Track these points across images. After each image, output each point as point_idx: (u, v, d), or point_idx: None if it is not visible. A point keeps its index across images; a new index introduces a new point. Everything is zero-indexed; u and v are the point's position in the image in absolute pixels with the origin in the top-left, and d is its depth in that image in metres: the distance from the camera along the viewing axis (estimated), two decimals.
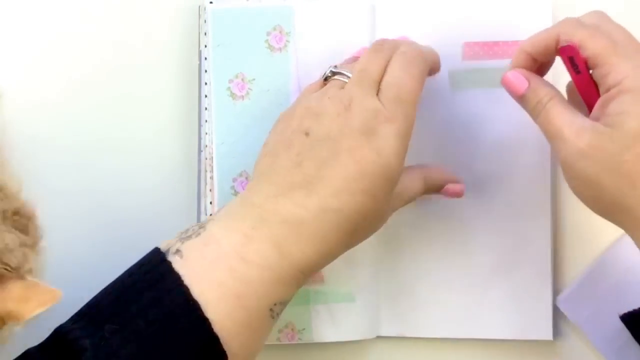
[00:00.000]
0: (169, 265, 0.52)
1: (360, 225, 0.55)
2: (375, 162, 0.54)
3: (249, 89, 0.66)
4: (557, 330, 0.67)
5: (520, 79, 0.57)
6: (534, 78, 0.57)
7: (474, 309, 0.67)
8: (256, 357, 0.55)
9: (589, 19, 0.56)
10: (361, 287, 0.67)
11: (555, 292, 0.67)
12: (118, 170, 0.68)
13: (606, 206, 0.54)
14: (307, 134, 0.55)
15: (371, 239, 0.65)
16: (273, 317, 0.54)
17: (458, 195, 0.64)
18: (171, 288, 0.51)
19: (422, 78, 0.58)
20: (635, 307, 0.62)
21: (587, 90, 0.56)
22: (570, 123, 0.54)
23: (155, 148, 0.69)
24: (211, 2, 0.66)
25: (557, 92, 0.56)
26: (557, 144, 0.54)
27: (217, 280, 0.52)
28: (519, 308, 0.67)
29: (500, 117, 0.66)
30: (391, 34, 0.65)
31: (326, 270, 0.65)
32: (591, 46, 0.53)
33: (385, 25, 0.66)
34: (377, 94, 0.56)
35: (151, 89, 0.69)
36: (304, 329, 0.66)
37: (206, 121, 0.66)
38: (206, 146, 0.66)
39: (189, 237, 0.54)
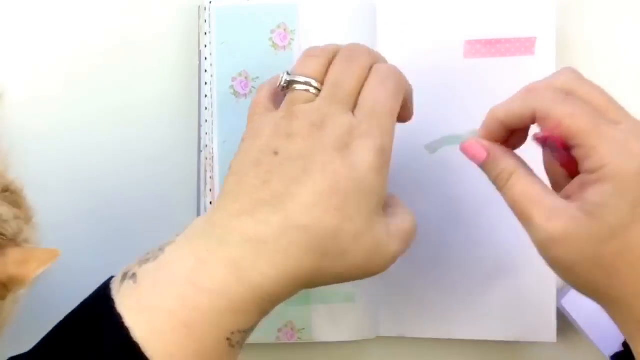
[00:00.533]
0: (111, 303, 0.50)
1: (331, 247, 0.50)
2: (348, 177, 0.51)
3: (252, 87, 0.65)
4: (560, 333, 0.67)
5: (479, 150, 0.54)
6: (495, 149, 0.54)
7: (476, 310, 0.67)
8: None
9: (564, 82, 0.52)
10: (361, 287, 0.67)
11: (559, 294, 0.67)
12: (118, 170, 0.68)
13: (585, 291, 0.51)
14: (275, 153, 0.51)
15: None
16: (233, 347, 0.50)
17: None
18: (111, 329, 0.49)
19: (399, 95, 0.54)
20: None
21: (565, 163, 0.53)
22: (539, 203, 0.50)
23: (155, 148, 0.69)
24: (210, 2, 0.66)
25: (521, 164, 0.53)
26: (525, 225, 0.51)
27: (167, 309, 0.49)
28: (522, 309, 0.66)
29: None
30: (393, 32, 0.65)
31: None
32: (572, 126, 0.49)
33: (387, 22, 0.67)
34: (351, 110, 0.53)
35: (151, 88, 0.69)
36: (303, 328, 0.66)
37: (206, 121, 0.66)
38: (206, 146, 0.66)
39: (147, 260, 0.51)
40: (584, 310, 0.66)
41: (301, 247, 0.50)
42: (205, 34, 0.66)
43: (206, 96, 0.66)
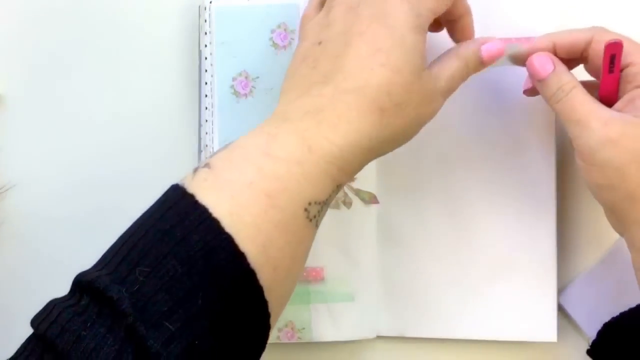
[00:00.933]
0: (191, 198, 0.50)
1: (386, 102, 0.53)
2: (387, 36, 0.53)
3: (252, 87, 0.66)
4: (561, 332, 0.67)
5: (547, 62, 0.58)
6: (559, 64, 0.58)
7: (476, 310, 0.67)
8: (299, 273, 0.53)
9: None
10: (361, 286, 0.67)
11: (559, 294, 0.67)
12: (118, 169, 0.68)
13: (622, 197, 0.55)
14: (319, 43, 0.55)
15: (371, 239, 0.66)
16: (310, 220, 0.52)
17: (498, 53, 0.59)
18: (199, 223, 0.49)
19: None
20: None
21: (611, 89, 0.58)
22: (597, 112, 0.55)
23: (155, 148, 0.69)
24: (211, 2, 0.66)
25: (579, 83, 0.57)
26: (581, 131, 0.56)
27: (247, 181, 0.50)
28: (522, 309, 0.66)
29: (502, 111, 0.66)
30: None
31: (326, 270, 0.65)
32: (628, 46, 0.56)
33: None
34: None
35: (151, 88, 0.69)
36: (303, 328, 0.66)
37: (206, 121, 0.66)
38: (206, 146, 0.66)
39: (218, 151, 0.53)
40: (583, 308, 0.66)
41: (359, 109, 0.52)
42: (206, 33, 0.66)
43: (206, 96, 0.66)
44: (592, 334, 0.65)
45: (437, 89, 0.56)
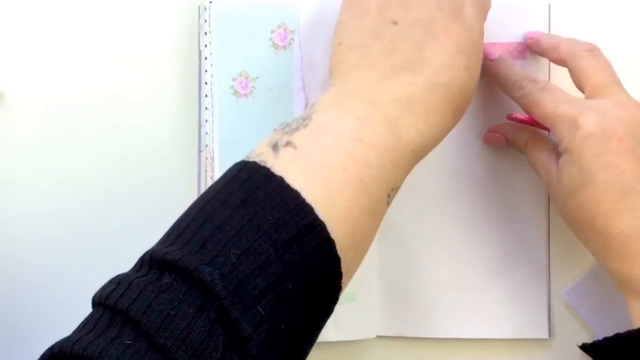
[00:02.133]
0: (281, 180, 0.48)
1: (462, 102, 0.55)
2: (467, 38, 0.55)
3: (252, 87, 0.65)
4: (552, 329, 0.68)
5: (497, 137, 0.66)
6: (507, 129, 0.66)
7: (472, 309, 0.68)
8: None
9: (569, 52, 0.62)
10: (362, 287, 0.67)
11: (551, 292, 0.68)
12: (118, 169, 0.68)
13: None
14: (395, 23, 0.55)
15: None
16: (388, 204, 0.53)
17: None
18: (293, 207, 0.48)
19: None
20: None
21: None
22: (543, 167, 0.62)
23: (155, 148, 0.69)
24: (211, 2, 0.66)
25: (533, 134, 0.63)
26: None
27: (340, 165, 0.50)
28: (515, 307, 0.67)
29: (494, 114, 0.67)
30: None
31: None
32: (537, 114, 0.61)
33: None
34: None
35: (151, 88, 0.69)
36: None
37: (206, 121, 0.66)
38: (206, 146, 0.66)
39: (296, 129, 0.51)
40: (588, 304, 0.67)
41: (444, 104, 0.54)
42: (206, 34, 0.66)
43: (206, 96, 0.66)
44: (596, 329, 0.66)
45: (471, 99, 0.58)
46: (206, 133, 0.66)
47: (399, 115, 0.52)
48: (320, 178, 0.49)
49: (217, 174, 0.65)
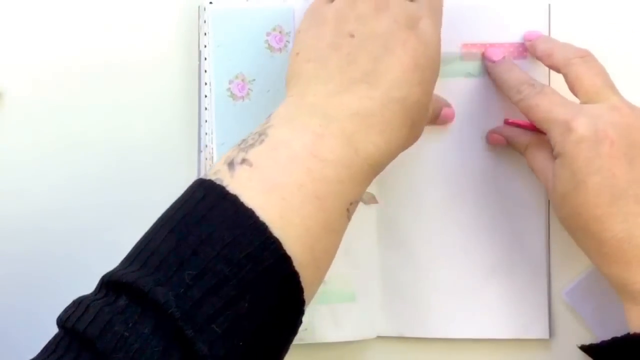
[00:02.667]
0: (236, 199, 0.49)
1: (417, 118, 0.55)
2: (424, 54, 0.55)
3: (249, 89, 0.65)
4: (553, 329, 0.68)
5: (499, 139, 0.66)
6: (508, 132, 0.66)
7: (473, 310, 0.68)
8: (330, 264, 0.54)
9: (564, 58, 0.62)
10: (362, 287, 0.67)
11: (551, 292, 0.68)
12: (118, 169, 0.69)
13: None
14: (352, 36, 0.55)
15: (372, 239, 0.66)
16: (348, 218, 0.53)
17: (451, 118, 0.66)
18: (248, 226, 0.48)
19: None
20: None
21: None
22: (541, 172, 0.62)
23: (155, 148, 0.69)
24: (211, 3, 0.66)
25: (533, 138, 0.63)
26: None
27: (296, 183, 0.50)
28: (516, 308, 0.67)
29: (495, 115, 0.67)
30: None
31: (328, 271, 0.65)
32: (533, 118, 0.61)
33: None
34: None
35: (151, 88, 0.69)
36: (305, 329, 0.66)
37: (206, 121, 0.66)
38: (206, 146, 0.66)
39: (252, 145, 0.52)
40: (589, 304, 0.67)
41: (400, 119, 0.54)
42: (205, 34, 0.66)
43: (206, 96, 0.66)
44: (597, 329, 0.66)
45: (427, 116, 0.58)
46: (206, 133, 0.66)
47: (355, 129, 0.52)
48: (276, 196, 0.49)
49: None
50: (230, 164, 0.51)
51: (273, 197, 0.49)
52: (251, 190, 0.49)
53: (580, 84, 0.60)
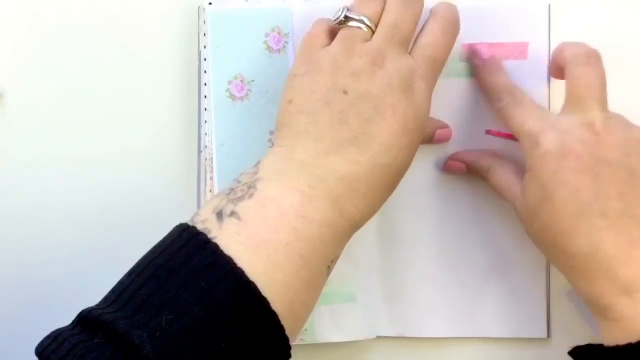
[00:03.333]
0: (215, 247, 0.50)
1: (398, 178, 0.57)
2: (414, 117, 0.56)
3: (248, 90, 0.65)
4: (551, 329, 0.68)
5: (457, 165, 0.66)
6: (468, 157, 0.66)
7: (472, 309, 0.68)
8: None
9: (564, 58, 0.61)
10: (362, 287, 0.67)
11: (550, 291, 0.67)
12: (117, 170, 0.69)
13: None
14: (345, 92, 0.56)
15: (372, 240, 0.66)
16: (328, 274, 0.55)
17: (447, 138, 0.66)
18: (225, 272, 0.49)
19: (454, 41, 0.60)
20: None
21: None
22: (508, 191, 0.62)
23: (155, 148, 0.69)
24: (210, 3, 0.66)
25: (494, 160, 0.64)
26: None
27: (283, 241, 0.51)
28: (514, 307, 0.67)
29: (494, 115, 0.66)
30: None
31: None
32: (511, 128, 0.61)
33: None
34: (409, 52, 0.58)
35: (151, 89, 0.69)
36: (306, 329, 0.66)
37: (206, 121, 0.66)
38: (206, 147, 0.66)
39: (241, 197, 0.53)
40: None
41: (384, 183, 0.56)
42: (205, 34, 0.66)
43: (206, 97, 0.66)
44: (596, 331, 0.65)
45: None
46: (205, 134, 0.66)
47: (341, 193, 0.54)
48: (263, 253, 0.51)
49: (216, 176, 0.66)
50: (219, 215, 0.52)
51: (260, 254, 0.51)
52: (238, 244, 0.51)
53: (571, 86, 0.59)
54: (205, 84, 0.66)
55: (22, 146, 0.69)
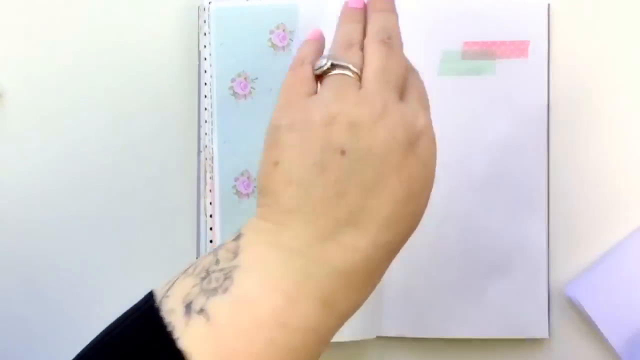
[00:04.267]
0: (175, 354, 0.44)
1: (399, 249, 0.49)
2: (421, 176, 0.48)
3: (251, 88, 0.65)
4: (552, 329, 0.68)
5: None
6: None
7: (472, 309, 0.68)
8: None
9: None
10: None
11: (551, 291, 0.68)
12: (117, 170, 0.68)
13: None
14: (343, 152, 0.46)
15: None
16: None
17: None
18: None
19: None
20: None
21: None
22: None
23: (155, 148, 0.69)
24: (210, 2, 0.66)
25: None
26: None
27: (256, 353, 0.44)
28: (515, 307, 0.67)
29: (495, 113, 0.67)
30: None
31: None
32: None
33: None
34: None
35: (151, 89, 0.69)
36: None
37: (205, 121, 0.66)
38: (206, 146, 0.66)
39: (214, 290, 0.45)
40: (594, 299, 0.67)
41: (385, 264, 0.48)
42: (205, 34, 0.66)
43: (206, 97, 0.66)
44: (603, 325, 0.66)
45: None
46: (205, 134, 0.66)
47: (334, 289, 0.46)
48: None
49: (216, 175, 0.66)
50: (188, 308, 0.45)
51: None
52: (204, 351, 0.44)
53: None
54: (205, 84, 0.66)
55: (22, 146, 0.69)
